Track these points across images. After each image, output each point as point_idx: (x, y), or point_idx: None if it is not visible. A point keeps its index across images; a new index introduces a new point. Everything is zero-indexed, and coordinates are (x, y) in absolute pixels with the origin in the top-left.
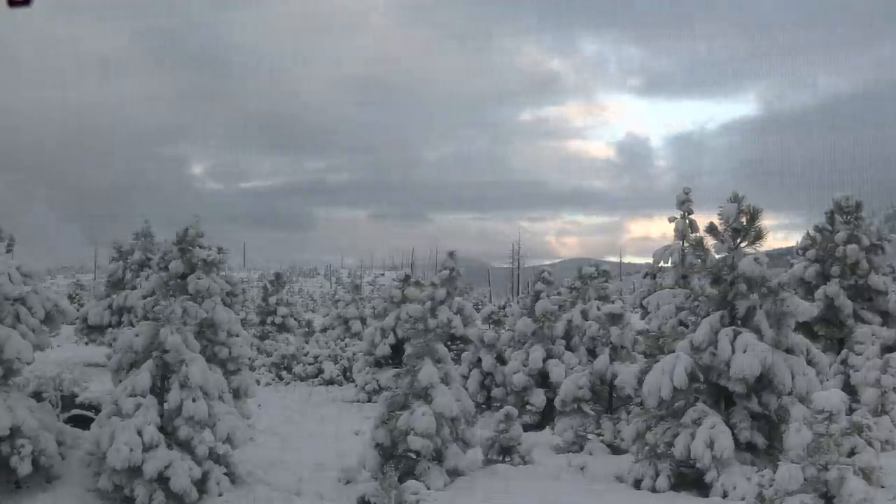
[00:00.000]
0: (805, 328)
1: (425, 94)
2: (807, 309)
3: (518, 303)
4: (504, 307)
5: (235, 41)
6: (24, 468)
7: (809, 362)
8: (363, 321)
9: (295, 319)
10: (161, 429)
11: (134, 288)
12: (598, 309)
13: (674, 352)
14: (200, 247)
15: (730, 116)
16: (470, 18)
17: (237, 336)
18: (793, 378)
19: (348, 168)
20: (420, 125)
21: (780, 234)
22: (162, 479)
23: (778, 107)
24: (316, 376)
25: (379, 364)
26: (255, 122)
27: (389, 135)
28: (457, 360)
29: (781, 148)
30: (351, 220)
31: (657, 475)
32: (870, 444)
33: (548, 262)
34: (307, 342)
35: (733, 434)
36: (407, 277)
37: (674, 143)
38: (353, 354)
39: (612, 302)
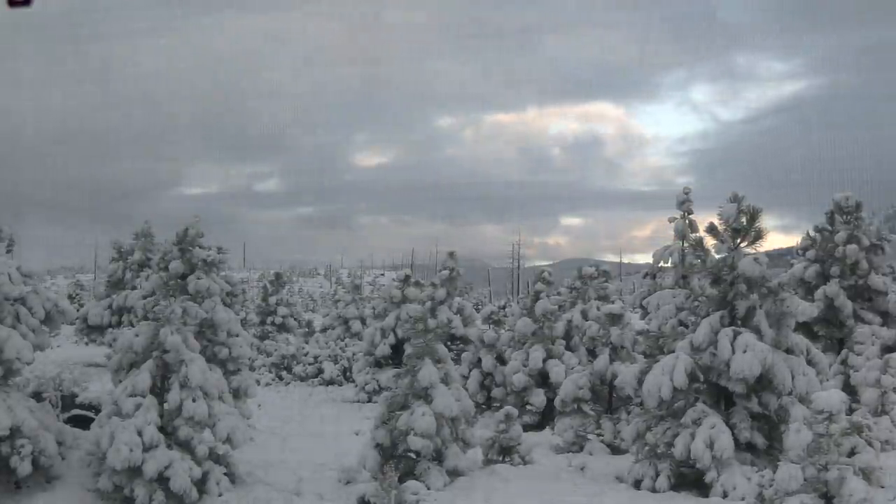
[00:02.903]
0: (805, 328)
1: (349, 102)
2: (807, 309)
3: (518, 303)
4: (504, 307)
5: (177, 49)
6: (24, 468)
7: (809, 362)
8: (363, 321)
9: (295, 319)
10: (161, 429)
11: (134, 288)
12: (598, 309)
13: (674, 352)
14: (200, 247)
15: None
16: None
17: (237, 336)
18: (793, 378)
19: (279, 173)
20: (348, 132)
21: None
22: (162, 480)
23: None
24: (316, 376)
25: (379, 364)
26: (189, 128)
27: (320, 140)
28: (457, 360)
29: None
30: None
31: (657, 475)
32: (870, 444)
33: (546, 263)
34: (307, 342)
35: (733, 434)
36: (407, 277)
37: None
38: (353, 354)
39: (612, 302)
